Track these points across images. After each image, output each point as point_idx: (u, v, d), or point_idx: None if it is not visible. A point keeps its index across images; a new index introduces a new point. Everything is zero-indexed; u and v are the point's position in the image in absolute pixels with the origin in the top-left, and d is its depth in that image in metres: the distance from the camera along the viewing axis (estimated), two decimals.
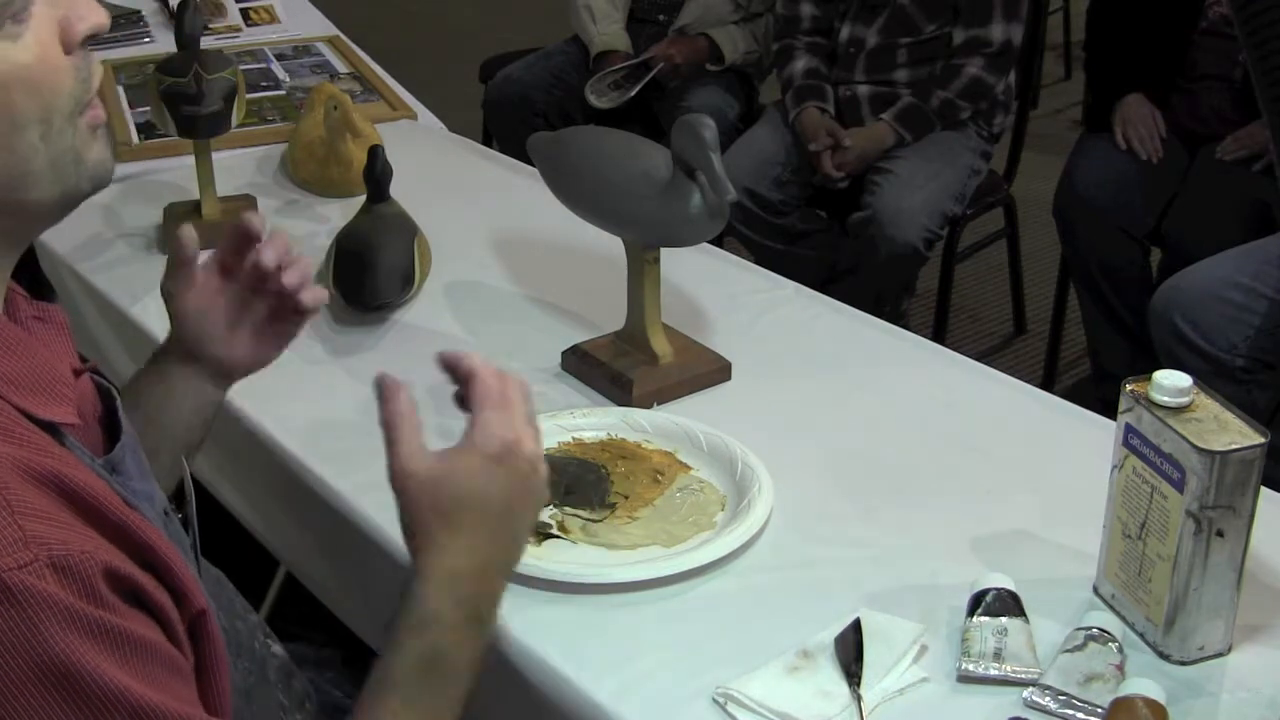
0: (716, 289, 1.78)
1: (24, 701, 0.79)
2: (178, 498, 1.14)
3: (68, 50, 0.88)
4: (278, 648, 1.24)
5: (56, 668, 0.79)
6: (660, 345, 1.55)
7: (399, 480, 1.01)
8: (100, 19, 0.89)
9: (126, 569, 0.85)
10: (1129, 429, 1.13)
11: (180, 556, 0.92)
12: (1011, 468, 1.39)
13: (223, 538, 1.30)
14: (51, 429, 0.89)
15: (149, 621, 0.86)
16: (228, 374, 1.28)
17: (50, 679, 0.79)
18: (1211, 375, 2.22)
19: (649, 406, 1.50)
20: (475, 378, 1.06)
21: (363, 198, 1.82)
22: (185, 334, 1.26)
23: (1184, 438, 1.06)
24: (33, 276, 0.99)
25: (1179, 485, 1.08)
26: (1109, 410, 1.26)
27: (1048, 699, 1.07)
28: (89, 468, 0.90)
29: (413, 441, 1.02)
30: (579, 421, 1.46)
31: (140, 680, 0.83)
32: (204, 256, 1.87)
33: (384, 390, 1.03)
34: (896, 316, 2.93)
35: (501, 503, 1.01)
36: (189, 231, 1.27)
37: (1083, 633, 1.11)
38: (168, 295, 1.28)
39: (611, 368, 1.54)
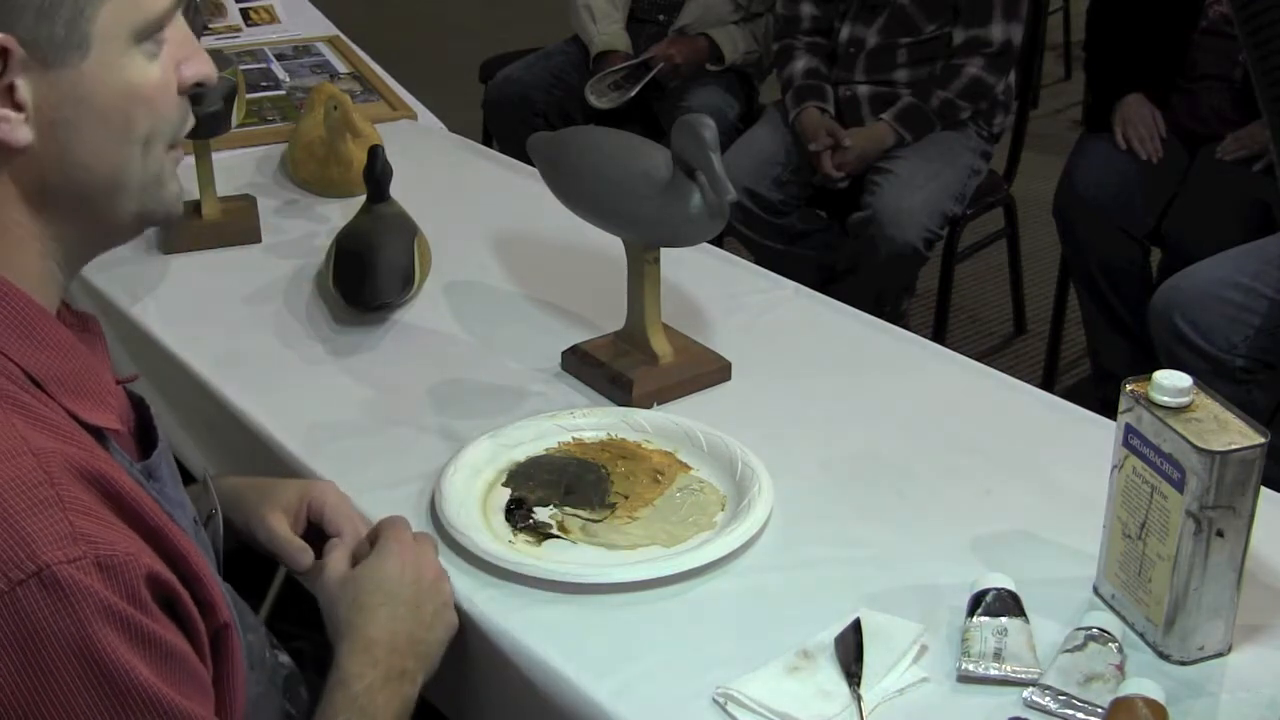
0: (716, 289, 1.78)
1: (62, 690, 0.81)
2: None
3: (178, 90, 0.97)
4: (284, 657, 1.25)
5: (96, 662, 0.81)
6: (660, 345, 1.55)
7: (325, 592, 1.18)
8: (210, 71, 0.98)
9: (165, 576, 0.88)
10: (1129, 429, 1.13)
11: (209, 568, 0.95)
12: (1011, 468, 1.39)
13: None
14: (96, 433, 0.92)
15: (179, 632, 0.89)
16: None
17: (90, 672, 0.81)
18: (1211, 375, 2.22)
19: (649, 406, 1.50)
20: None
21: (363, 198, 1.82)
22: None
23: (1184, 438, 1.06)
24: None
25: (1179, 485, 1.08)
26: (1109, 410, 1.26)
27: (1048, 699, 1.07)
28: (128, 473, 0.92)
29: (339, 560, 1.20)
30: (579, 421, 1.46)
31: (169, 685, 0.85)
32: (204, 257, 1.89)
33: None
34: (896, 316, 2.93)
35: (410, 587, 1.17)
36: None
37: (1083, 633, 1.11)
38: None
39: (611, 368, 1.54)
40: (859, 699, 1.08)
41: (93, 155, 0.92)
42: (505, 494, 1.35)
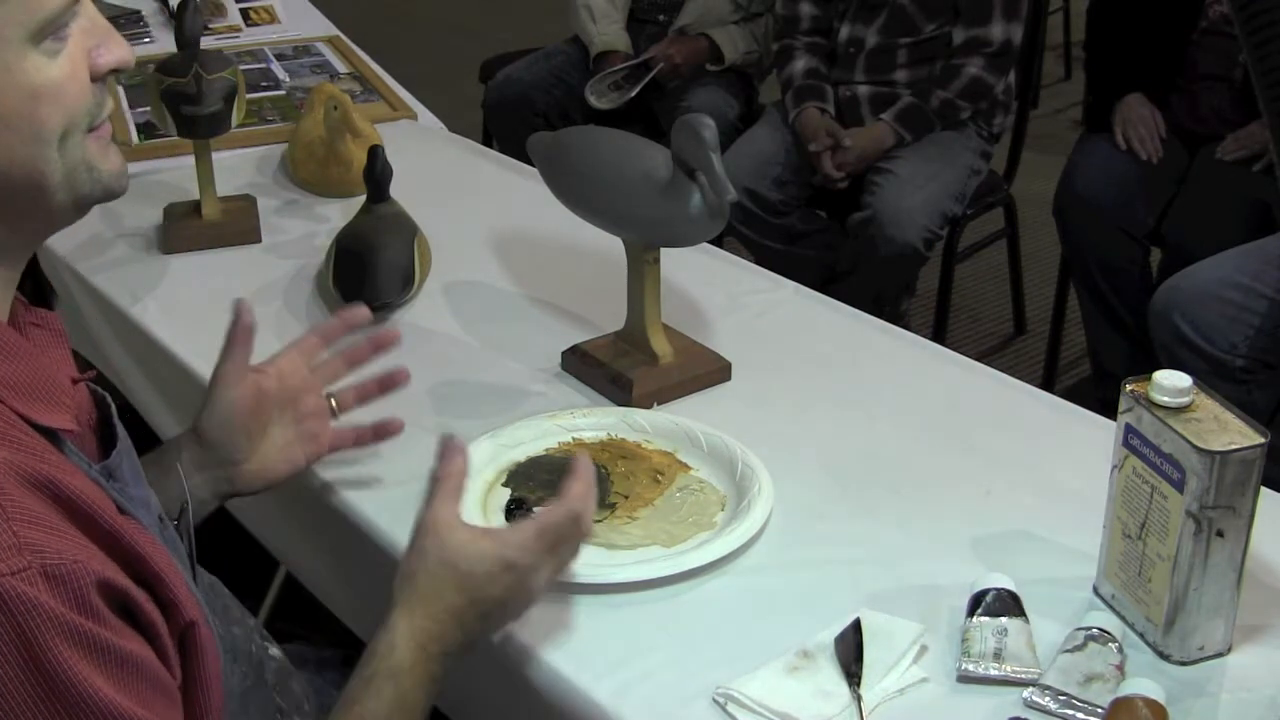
0: (716, 289, 1.78)
1: (10, 707, 0.79)
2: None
3: (93, 77, 0.94)
4: (275, 650, 1.24)
5: (45, 675, 0.79)
6: (660, 345, 1.55)
7: (424, 529, 1.09)
8: (126, 56, 0.96)
9: (119, 581, 0.85)
10: (1129, 429, 1.13)
11: (173, 566, 0.93)
12: (1011, 468, 1.39)
13: (222, 539, 1.30)
14: (50, 435, 0.90)
15: (138, 637, 0.86)
16: (231, 484, 1.28)
17: (38, 686, 0.79)
18: (1211, 375, 2.22)
19: (649, 406, 1.50)
20: (569, 495, 1.12)
21: (363, 198, 1.82)
22: (216, 425, 1.26)
23: (1184, 438, 1.06)
24: (34, 279, 1.00)
25: (1179, 485, 1.08)
26: (1109, 410, 1.26)
27: (1048, 699, 1.07)
28: (85, 474, 0.90)
29: (452, 501, 1.10)
30: (579, 421, 1.46)
31: (125, 694, 0.83)
32: (204, 257, 1.89)
33: (445, 449, 1.13)
34: (896, 316, 2.93)
35: (492, 604, 1.09)
36: (246, 312, 1.27)
37: (1083, 633, 1.11)
38: (218, 378, 1.27)
39: (611, 368, 1.54)
40: (859, 699, 1.08)
41: (6, 161, 0.90)
42: (505, 494, 1.35)
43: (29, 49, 0.89)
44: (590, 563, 1.25)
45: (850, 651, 1.12)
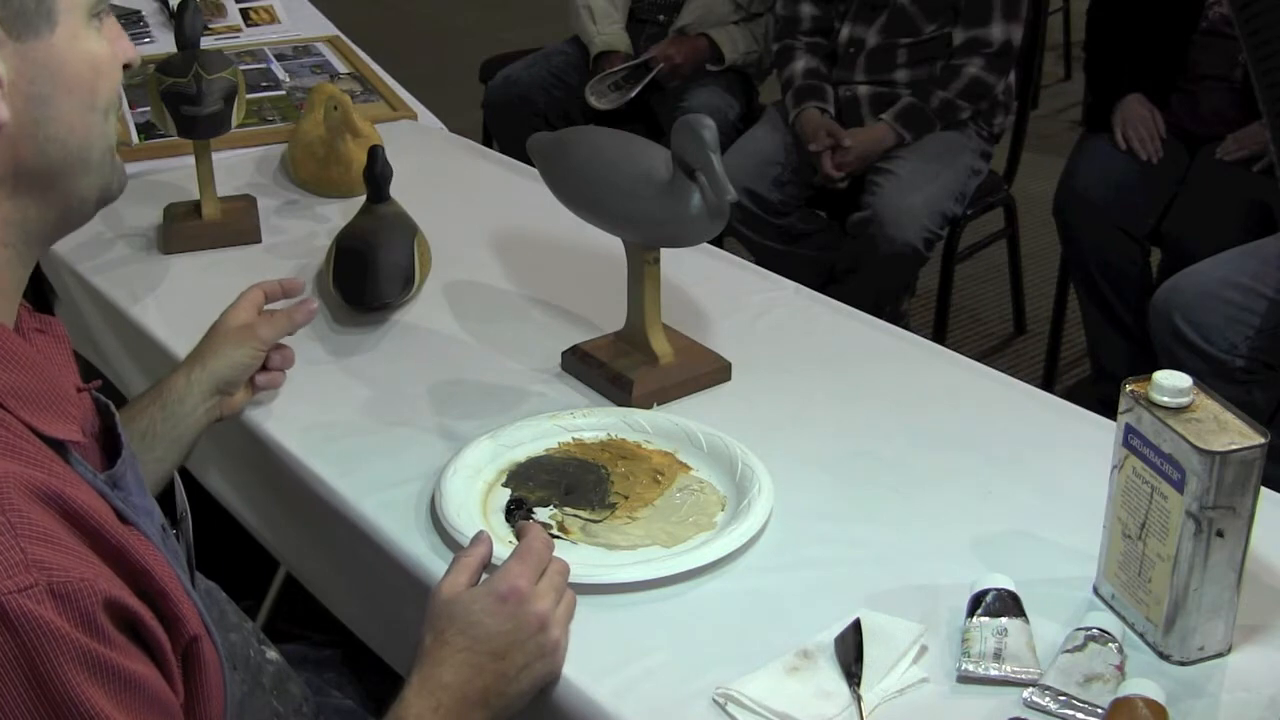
0: (716, 289, 1.78)
1: None
2: (169, 511, 1.13)
3: None
4: (273, 653, 1.24)
5: (48, 695, 0.79)
6: (660, 345, 1.55)
7: (431, 600, 1.12)
8: (136, 55, 1.01)
9: (125, 599, 0.85)
10: (1129, 429, 1.13)
11: (177, 579, 0.92)
12: (1011, 468, 1.39)
13: (221, 539, 1.30)
14: (57, 445, 0.89)
15: (143, 656, 0.86)
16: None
17: (41, 706, 0.78)
18: (1211, 375, 2.22)
19: (649, 406, 1.50)
20: (524, 535, 1.18)
21: (363, 198, 1.82)
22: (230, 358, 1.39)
23: (1184, 438, 1.06)
24: (35, 283, 1.00)
25: (1179, 485, 1.08)
26: (1109, 410, 1.26)
27: (1048, 699, 1.07)
28: (91, 485, 0.90)
29: (463, 574, 1.14)
30: (579, 421, 1.46)
31: (128, 716, 0.82)
32: (204, 257, 1.89)
33: (477, 537, 1.19)
34: (896, 316, 2.93)
35: (500, 639, 1.09)
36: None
37: (1083, 633, 1.11)
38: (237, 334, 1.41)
39: (611, 368, 1.54)
40: (859, 699, 1.08)
41: (66, 128, 0.93)
42: (505, 494, 1.35)
43: (88, 20, 0.94)
44: (590, 563, 1.25)
45: (850, 651, 1.12)
